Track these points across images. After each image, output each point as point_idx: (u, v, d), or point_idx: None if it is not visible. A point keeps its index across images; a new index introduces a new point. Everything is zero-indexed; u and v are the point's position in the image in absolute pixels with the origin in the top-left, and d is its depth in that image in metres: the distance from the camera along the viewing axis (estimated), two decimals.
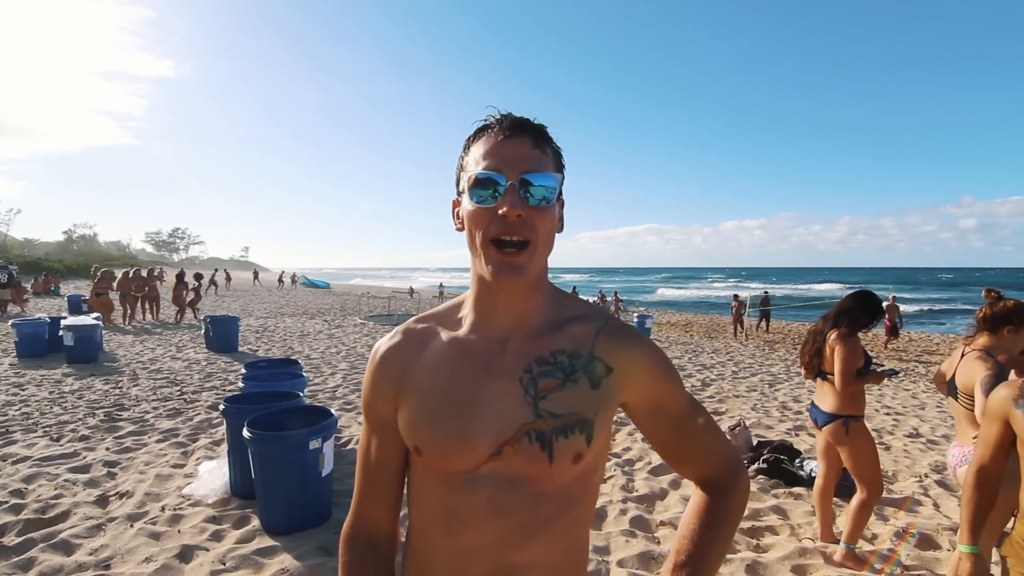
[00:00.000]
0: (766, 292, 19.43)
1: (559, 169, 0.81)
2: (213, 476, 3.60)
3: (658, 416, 0.86)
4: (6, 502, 3.33)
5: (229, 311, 17.13)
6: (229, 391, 6.40)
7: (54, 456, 4.15)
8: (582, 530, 0.84)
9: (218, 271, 30.60)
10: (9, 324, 9.66)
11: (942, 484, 4.02)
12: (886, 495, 3.65)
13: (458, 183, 0.82)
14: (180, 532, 3.05)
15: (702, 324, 20.14)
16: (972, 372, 2.28)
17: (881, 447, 4.90)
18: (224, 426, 3.55)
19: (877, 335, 14.58)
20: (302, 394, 4.06)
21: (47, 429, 4.86)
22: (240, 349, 9.97)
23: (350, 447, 4.60)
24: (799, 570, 2.82)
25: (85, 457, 4.17)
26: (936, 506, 3.64)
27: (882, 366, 3.09)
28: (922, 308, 32.38)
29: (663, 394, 0.85)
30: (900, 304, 14.49)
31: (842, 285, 57.89)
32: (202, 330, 10.27)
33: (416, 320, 0.91)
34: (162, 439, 4.64)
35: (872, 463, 2.84)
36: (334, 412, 3.36)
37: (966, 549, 1.51)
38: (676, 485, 3.88)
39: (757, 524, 3.33)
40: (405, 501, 0.90)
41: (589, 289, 30.50)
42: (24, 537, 2.92)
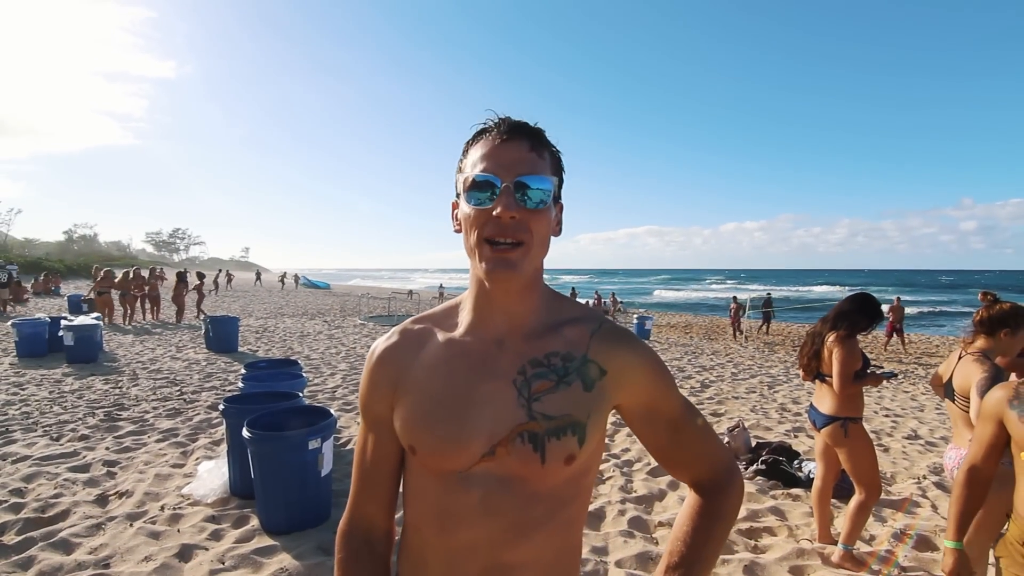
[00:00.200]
0: (768, 294, 19.42)
1: (557, 172, 0.81)
2: (212, 476, 3.60)
3: (652, 419, 0.86)
4: (6, 501, 3.34)
5: (229, 311, 17.14)
6: (229, 391, 6.40)
7: (54, 455, 4.16)
8: (574, 530, 0.85)
9: (221, 271, 30.66)
10: (9, 324, 9.67)
11: (940, 486, 4.02)
12: (884, 496, 3.66)
13: (456, 185, 0.83)
14: (179, 531, 3.06)
15: (702, 326, 20.13)
16: (969, 374, 2.28)
17: (880, 449, 4.90)
18: (224, 426, 3.55)
19: (876, 337, 14.57)
20: (301, 394, 4.07)
21: (47, 428, 4.87)
22: (240, 349, 9.98)
23: (349, 447, 4.61)
24: (797, 571, 2.83)
25: (85, 456, 4.17)
26: (934, 508, 3.65)
27: (881, 368, 3.10)
28: (922, 310, 32.35)
29: (657, 397, 0.86)
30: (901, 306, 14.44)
31: (841, 287, 57.85)
32: (202, 330, 10.28)
33: (413, 321, 0.92)
34: (162, 439, 4.65)
35: (871, 465, 2.85)
36: (333, 412, 3.37)
37: (950, 545, 1.57)
38: (674, 486, 3.89)
39: (755, 525, 3.33)
40: (401, 499, 0.91)
41: (588, 290, 30.46)
42: (24, 536, 2.93)
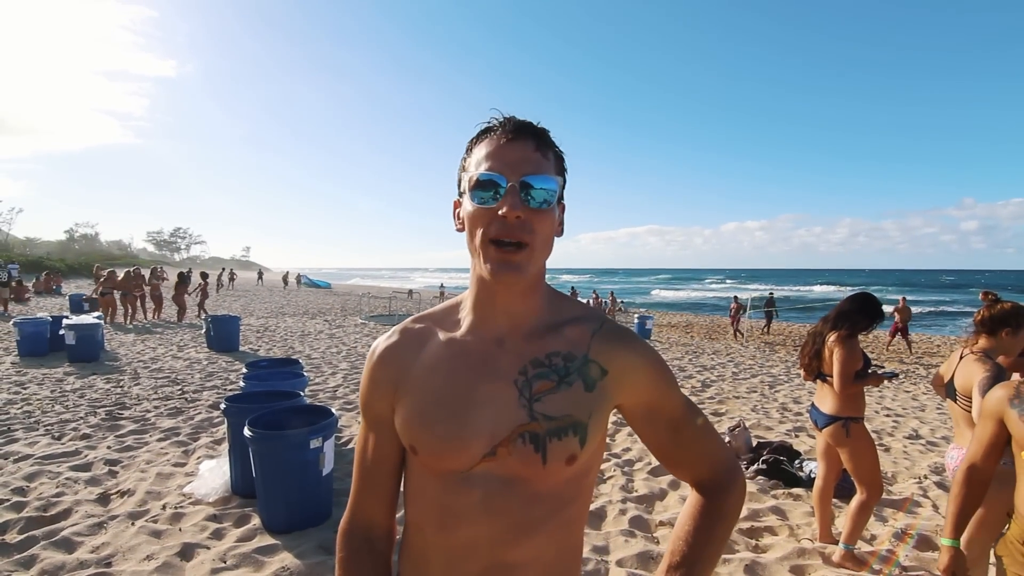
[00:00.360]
0: (771, 293, 19.39)
1: (561, 173, 0.81)
2: (214, 475, 3.61)
3: (653, 418, 0.86)
4: (8, 500, 3.34)
5: (230, 311, 17.15)
6: (230, 390, 6.42)
7: (56, 454, 4.17)
8: (575, 530, 0.85)
9: (225, 271, 30.73)
10: (11, 323, 9.69)
11: (941, 486, 4.02)
12: (885, 496, 3.65)
13: (459, 184, 0.83)
14: (181, 530, 3.06)
15: (703, 325, 20.12)
16: (971, 374, 2.28)
17: (881, 448, 4.90)
18: (225, 425, 3.56)
19: (878, 336, 14.55)
20: (303, 393, 4.07)
21: (49, 427, 4.88)
22: (241, 349, 9.99)
23: (350, 446, 4.61)
24: (798, 570, 2.83)
25: (86, 455, 4.18)
26: (935, 507, 3.65)
27: (882, 368, 3.10)
28: (923, 310, 32.29)
29: (658, 396, 0.85)
30: None
31: (840, 287, 57.76)
32: (203, 329, 10.29)
33: (414, 320, 0.91)
34: (163, 438, 4.66)
35: (872, 465, 2.85)
36: (334, 412, 3.37)
37: (947, 542, 1.57)
38: (675, 486, 3.89)
39: (756, 525, 3.33)
40: (402, 498, 0.91)
41: (588, 290, 30.44)
42: (26, 535, 2.93)
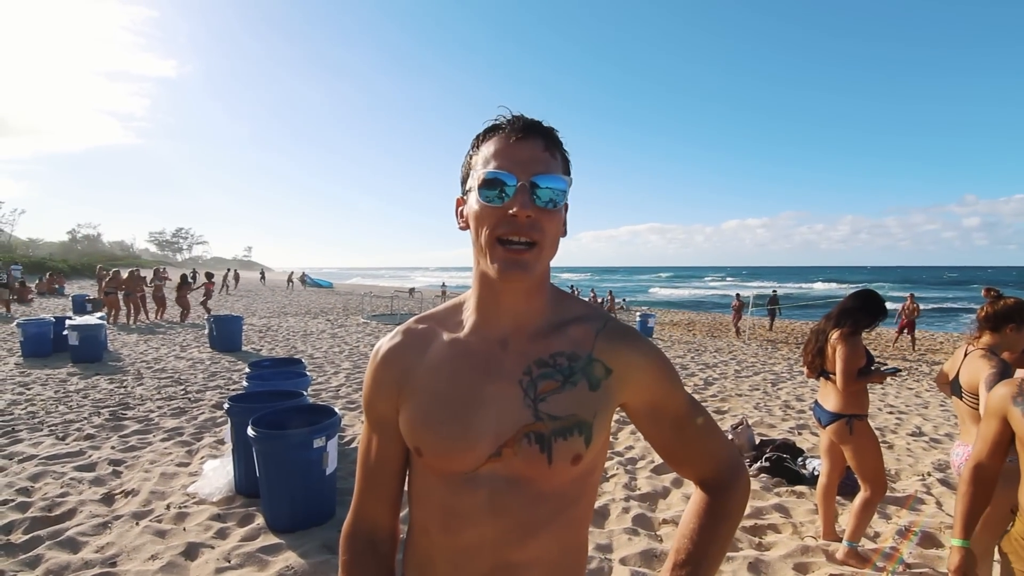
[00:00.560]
0: (774, 291, 19.41)
1: (567, 173, 0.81)
2: (217, 474, 3.62)
3: (657, 417, 0.86)
4: (13, 500, 3.36)
5: (233, 310, 17.18)
6: (233, 390, 6.43)
7: (60, 455, 4.18)
8: (580, 529, 0.85)
9: (230, 271, 30.82)
10: (14, 324, 9.72)
11: (945, 483, 4.01)
12: (889, 493, 3.64)
13: (464, 181, 0.82)
14: (185, 530, 3.07)
15: (704, 323, 20.11)
16: (977, 370, 2.27)
17: (884, 446, 4.89)
18: (228, 425, 3.56)
19: (881, 333, 14.52)
20: (305, 393, 4.08)
21: (53, 428, 4.90)
22: (244, 348, 10.01)
23: (353, 445, 4.62)
24: (801, 568, 2.83)
25: (90, 456, 4.19)
26: (939, 505, 3.64)
27: (885, 365, 3.09)
28: (926, 307, 32.19)
29: (662, 395, 0.85)
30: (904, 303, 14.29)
31: (841, 284, 57.61)
32: (206, 330, 10.31)
33: (417, 320, 0.91)
34: (167, 438, 4.67)
35: (876, 462, 2.84)
36: (337, 411, 3.37)
37: (957, 543, 1.56)
38: (678, 483, 3.89)
39: (759, 522, 3.33)
40: (405, 499, 0.91)
41: (586, 289, 30.43)
42: (31, 535, 2.94)
